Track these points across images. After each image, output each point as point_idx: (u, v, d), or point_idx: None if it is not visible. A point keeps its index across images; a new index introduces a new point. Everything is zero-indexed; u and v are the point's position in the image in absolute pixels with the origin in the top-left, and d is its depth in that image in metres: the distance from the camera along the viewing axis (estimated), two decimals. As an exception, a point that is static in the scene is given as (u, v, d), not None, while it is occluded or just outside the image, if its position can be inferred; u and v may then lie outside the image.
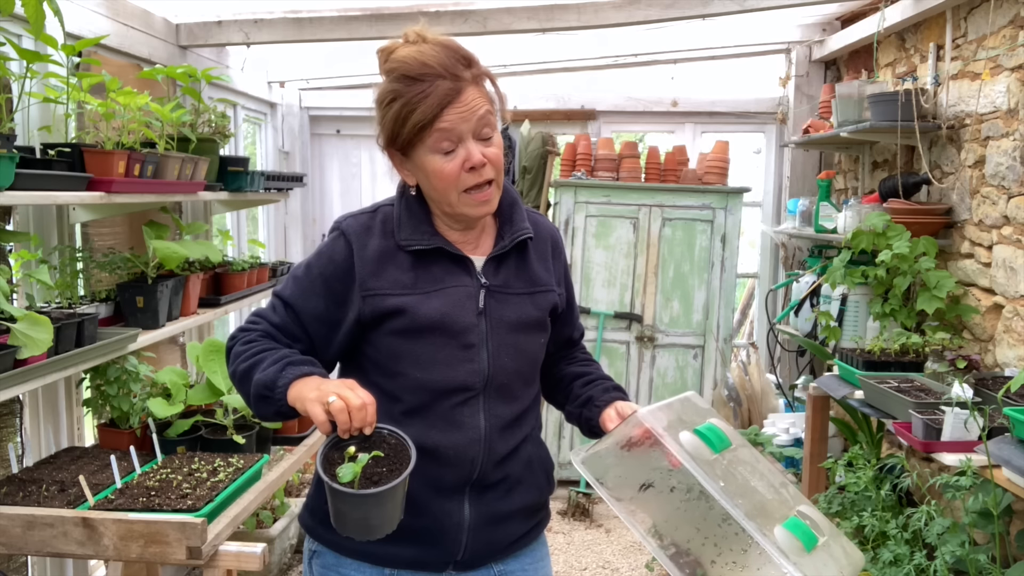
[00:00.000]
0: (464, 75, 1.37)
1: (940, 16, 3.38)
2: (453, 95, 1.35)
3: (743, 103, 5.04)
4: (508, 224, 1.52)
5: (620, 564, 3.79)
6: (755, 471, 1.37)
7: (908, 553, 2.32)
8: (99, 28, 2.93)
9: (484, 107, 1.39)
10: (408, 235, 1.45)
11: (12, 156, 1.92)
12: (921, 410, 2.49)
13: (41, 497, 2.09)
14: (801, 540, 1.23)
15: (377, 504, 1.23)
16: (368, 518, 1.25)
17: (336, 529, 1.28)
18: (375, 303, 1.42)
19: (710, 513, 1.26)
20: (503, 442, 1.47)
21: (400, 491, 1.25)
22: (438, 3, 3.65)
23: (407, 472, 1.25)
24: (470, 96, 1.37)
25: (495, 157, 1.41)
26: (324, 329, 1.45)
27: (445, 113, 1.35)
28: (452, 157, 1.38)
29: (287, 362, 1.35)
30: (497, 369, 1.46)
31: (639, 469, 1.37)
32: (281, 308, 1.46)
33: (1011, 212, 2.86)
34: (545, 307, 1.54)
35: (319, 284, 1.45)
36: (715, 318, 4.55)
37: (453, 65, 1.36)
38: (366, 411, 1.26)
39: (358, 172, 5.36)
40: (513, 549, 1.55)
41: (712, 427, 1.39)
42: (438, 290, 1.44)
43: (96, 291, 2.73)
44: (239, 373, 1.40)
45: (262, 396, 1.35)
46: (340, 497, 1.23)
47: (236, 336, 1.46)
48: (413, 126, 1.36)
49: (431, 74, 1.35)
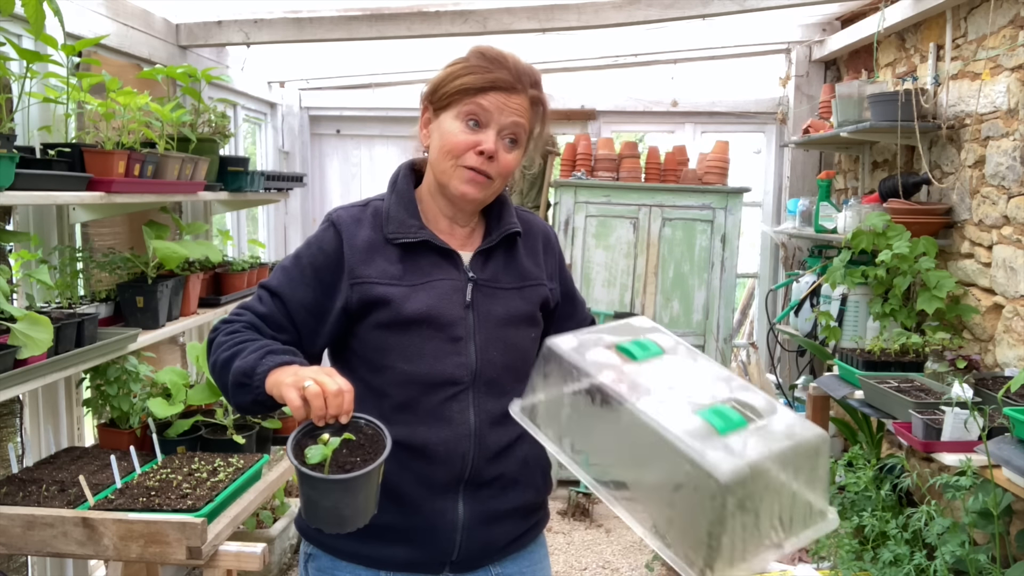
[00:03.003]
0: (526, 87, 1.45)
1: (940, 16, 3.38)
2: (507, 86, 1.42)
3: (743, 103, 5.03)
4: (496, 221, 1.53)
5: (620, 564, 3.79)
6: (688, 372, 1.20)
7: (908, 553, 2.32)
8: (99, 28, 2.93)
9: (524, 118, 1.44)
10: (396, 228, 1.46)
11: (12, 156, 1.92)
12: (921, 410, 2.49)
13: (41, 497, 2.09)
14: (717, 422, 1.05)
15: (347, 492, 1.19)
16: (338, 507, 1.20)
17: (306, 519, 1.25)
18: (363, 291, 1.42)
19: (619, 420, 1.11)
20: (495, 438, 1.46)
21: (374, 480, 1.21)
22: (438, 3, 3.65)
23: (381, 459, 1.21)
24: (519, 100, 1.43)
25: (505, 162, 1.44)
26: (311, 319, 1.45)
27: (491, 93, 1.41)
28: (471, 132, 1.42)
29: (268, 351, 1.34)
30: (485, 363, 1.45)
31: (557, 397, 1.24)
32: (268, 298, 1.45)
33: (1011, 212, 2.86)
34: (535, 301, 1.54)
35: (308, 273, 1.45)
36: (715, 318, 4.55)
37: (523, 74, 1.45)
38: (343, 398, 1.24)
39: (358, 172, 5.36)
40: (510, 550, 1.54)
41: (640, 341, 1.23)
42: (425, 283, 1.44)
43: (96, 291, 2.73)
44: (219, 362, 1.38)
45: (240, 384, 1.32)
46: (309, 483, 1.19)
47: (218, 328, 1.44)
48: (459, 87, 1.42)
49: (500, 65, 1.43)
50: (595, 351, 1.21)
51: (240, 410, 1.40)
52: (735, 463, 0.98)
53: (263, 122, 4.99)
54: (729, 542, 0.99)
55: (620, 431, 1.12)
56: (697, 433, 1.03)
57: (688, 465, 0.99)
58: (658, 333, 1.27)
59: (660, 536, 1.06)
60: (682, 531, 1.03)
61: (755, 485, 1.00)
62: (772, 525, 1.05)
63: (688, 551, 1.02)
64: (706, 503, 0.98)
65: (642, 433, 1.06)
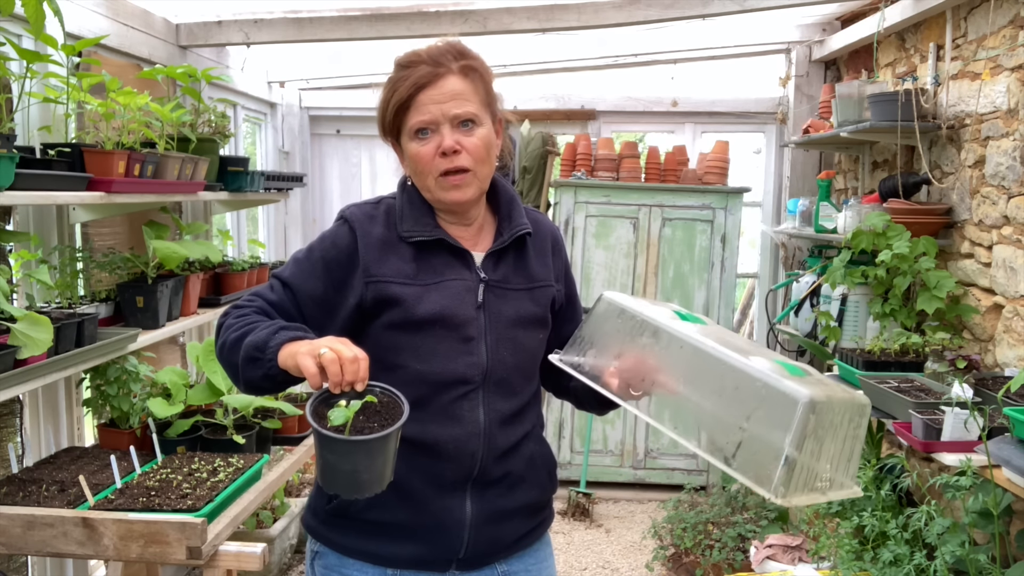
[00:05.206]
0: (449, 64, 1.41)
1: (940, 16, 3.38)
2: (430, 78, 1.40)
3: (743, 103, 5.03)
4: (507, 221, 1.53)
5: (620, 564, 3.79)
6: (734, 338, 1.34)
7: (908, 553, 2.32)
8: (99, 28, 2.93)
9: (465, 98, 1.41)
10: (410, 226, 1.46)
11: (12, 156, 1.92)
12: (921, 410, 2.49)
13: (41, 497, 2.09)
14: (784, 367, 1.19)
15: (368, 454, 1.19)
16: (358, 470, 1.20)
17: (323, 486, 1.25)
18: (378, 289, 1.43)
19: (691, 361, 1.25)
20: (503, 437, 1.47)
21: (392, 444, 1.22)
22: (438, 3, 3.65)
23: (401, 420, 1.21)
24: (449, 83, 1.41)
25: (473, 147, 1.42)
26: (320, 313, 1.45)
27: (420, 95, 1.40)
28: (427, 141, 1.41)
29: (280, 327, 1.34)
30: (496, 363, 1.46)
31: (611, 342, 1.37)
32: (279, 287, 1.45)
33: (1011, 212, 2.86)
34: (544, 303, 1.54)
35: (320, 267, 1.45)
36: (715, 318, 4.54)
37: (441, 55, 1.42)
38: (358, 364, 1.23)
39: (358, 172, 5.36)
40: (516, 548, 1.55)
41: (687, 313, 1.38)
42: (438, 283, 1.45)
43: (96, 291, 2.73)
44: (229, 341, 1.36)
45: (252, 358, 1.31)
46: (330, 445, 1.18)
47: (229, 312, 1.44)
48: (392, 108, 1.42)
49: (416, 62, 1.42)
50: (652, 309, 1.35)
51: (249, 388, 1.37)
52: (814, 390, 1.12)
53: (263, 122, 4.99)
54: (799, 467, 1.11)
55: (692, 371, 1.25)
56: (772, 371, 1.16)
57: (769, 392, 1.13)
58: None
59: (725, 458, 1.18)
60: (753, 454, 1.15)
61: (824, 417, 1.14)
62: (824, 466, 1.17)
63: (758, 472, 1.13)
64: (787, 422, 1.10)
65: (720, 369, 1.20)
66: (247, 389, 1.38)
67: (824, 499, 1.16)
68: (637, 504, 4.47)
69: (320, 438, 1.19)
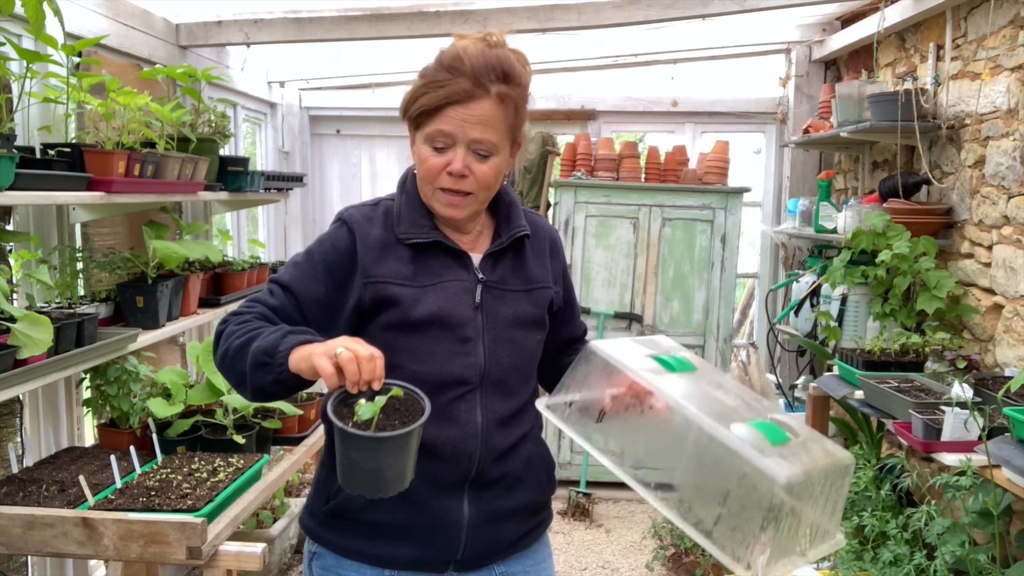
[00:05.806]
0: (488, 87, 1.37)
1: (940, 16, 3.38)
2: (464, 97, 1.36)
3: (743, 103, 5.03)
4: (506, 223, 1.53)
5: (620, 564, 3.79)
6: (722, 388, 1.28)
7: (908, 553, 2.32)
8: (99, 28, 2.93)
9: (490, 125, 1.38)
10: (407, 228, 1.46)
11: (12, 156, 1.92)
12: (921, 410, 2.49)
13: (41, 497, 2.09)
14: (765, 434, 1.13)
15: (392, 452, 1.18)
16: (382, 468, 1.19)
17: (344, 487, 1.24)
18: (376, 290, 1.42)
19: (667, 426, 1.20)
20: (501, 438, 1.47)
21: (415, 440, 1.20)
22: (438, 3, 3.65)
23: (425, 416, 1.20)
24: (481, 107, 1.37)
25: (482, 174, 1.41)
26: (323, 315, 1.44)
27: (449, 110, 1.37)
28: (440, 154, 1.40)
29: (288, 331, 1.32)
30: (493, 364, 1.46)
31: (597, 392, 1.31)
32: (280, 292, 1.44)
33: (1011, 212, 2.86)
34: (542, 304, 1.54)
35: (320, 270, 1.45)
36: (715, 318, 4.55)
37: (484, 72, 1.37)
38: (375, 363, 1.22)
39: (358, 172, 5.36)
40: (515, 549, 1.54)
41: (675, 356, 1.31)
42: (435, 284, 1.45)
43: (96, 291, 2.73)
44: (232, 349, 1.34)
45: (261, 363, 1.29)
46: (355, 443, 1.16)
47: (228, 319, 1.42)
48: (418, 108, 1.40)
49: (458, 70, 1.37)
50: (637, 360, 1.27)
51: (257, 394, 1.34)
52: (793, 468, 1.08)
53: (263, 122, 4.99)
54: (775, 544, 1.07)
55: (670, 434, 1.19)
56: (752, 441, 1.11)
57: (747, 467, 1.08)
58: (683, 352, 1.34)
59: (705, 532, 1.13)
60: (731, 529, 1.11)
61: (803, 492, 1.10)
62: (804, 533, 1.14)
63: (736, 548, 1.10)
64: (763, 503, 1.06)
65: (698, 437, 1.14)
66: (254, 396, 1.35)
67: (804, 562, 1.14)
68: (637, 504, 4.47)
69: (344, 436, 1.18)
